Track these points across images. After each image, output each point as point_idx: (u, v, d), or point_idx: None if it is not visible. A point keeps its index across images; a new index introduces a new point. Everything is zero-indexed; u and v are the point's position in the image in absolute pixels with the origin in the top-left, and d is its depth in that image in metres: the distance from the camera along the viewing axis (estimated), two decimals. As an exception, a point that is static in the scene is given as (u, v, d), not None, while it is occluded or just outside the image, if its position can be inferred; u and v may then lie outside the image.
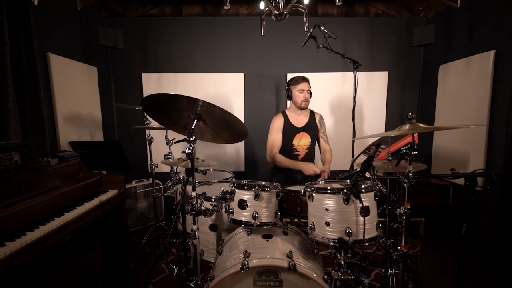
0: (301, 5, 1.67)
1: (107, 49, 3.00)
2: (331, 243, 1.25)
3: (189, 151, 1.38)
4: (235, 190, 1.42)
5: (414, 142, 1.23)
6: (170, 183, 1.89)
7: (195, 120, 1.39)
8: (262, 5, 1.72)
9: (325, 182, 1.60)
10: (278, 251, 1.27)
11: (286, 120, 2.29)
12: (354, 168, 1.23)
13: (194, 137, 1.38)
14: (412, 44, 3.10)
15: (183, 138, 1.45)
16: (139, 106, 1.67)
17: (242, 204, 1.38)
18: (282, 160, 2.21)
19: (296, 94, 2.25)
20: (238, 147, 3.21)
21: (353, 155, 2.51)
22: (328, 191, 1.27)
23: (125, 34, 3.03)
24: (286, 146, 2.28)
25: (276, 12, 1.53)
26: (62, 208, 1.58)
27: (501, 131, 2.23)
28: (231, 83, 3.13)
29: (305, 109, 2.33)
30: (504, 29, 2.19)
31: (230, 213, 1.43)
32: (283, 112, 2.34)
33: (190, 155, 1.39)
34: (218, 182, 1.92)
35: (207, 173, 2.32)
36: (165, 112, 1.48)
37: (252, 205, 1.38)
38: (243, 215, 1.39)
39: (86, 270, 1.64)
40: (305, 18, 1.71)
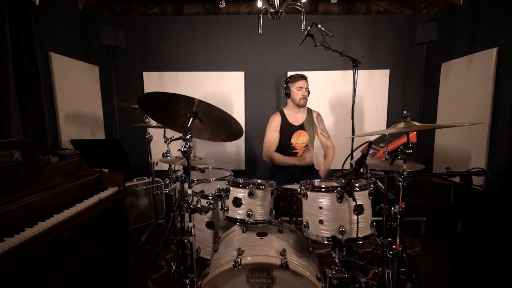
0: (298, 3, 1.67)
1: (109, 48, 3.02)
2: (325, 241, 1.25)
3: (185, 149, 1.39)
4: (230, 188, 1.43)
5: (409, 141, 1.22)
6: (168, 181, 1.91)
7: (191, 119, 1.40)
8: (260, 4, 1.72)
9: (321, 181, 1.60)
10: (272, 249, 1.27)
11: (284, 119, 2.29)
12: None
13: (190, 135, 1.39)
14: (414, 42, 3.05)
15: (179, 136, 1.46)
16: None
17: (237, 202, 1.39)
18: (279, 158, 2.21)
19: (295, 92, 2.25)
20: (239, 146, 3.22)
21: (352, 154, 2.50)
22: (323, 189, 1.27)
23: (126, 33, 3.04)
24: (284, 144, 2.28)
25: (272, 11, 1.53)
26: (62, 205, 1.60)
27: (503, 130, 2.19)
28: (232, 82, 3.13)
29: (303, 107, 2.32)
30: (507, 27, 2.15)
31: (225, 211, 1.44)
32: (281, 111, 2.34)
33: (186, 153, 1.40)
34: (216, 180, 1.93)
35: (207, 171, 2.35)
36: (162, 111, 1.49)
37: (247, 203, 1.38)
38: (238, 213, 1.40)
39: (86, 267, 1.67)
40: (303, 16, 1.70)
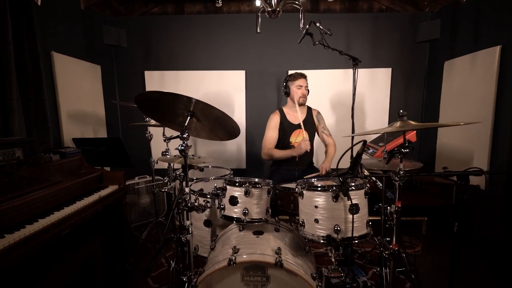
0: (296, 1, 1.66)
1: (111, 48, 3.05)
2: (321, 241, 1.25)
3: (182, 148, 1.40)
4: (227, 187, 1.43)
5: (405, 140, 1.21)
6: (167, 180, 1.92)
7: (188, 117, 1.41)
8: (258, 3, 1.72)
9: (319, 180, 1.60)
10: (267, 248, 1.27)
11: (283, 117, 2.29)
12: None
13: (187, 134, 1.40)
14: (417, 40, 3.02)
15: (177, 135, 1.47)
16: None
17: (233, 201, 1.40)
18: (276, 153, 2.20)
19: (294, 90, 2.24)
20: (240, 144, 3.23)
21: (352, 153, 2.49)
22: (319, 189, 1.27)
23: (128, 33, 3.06)
24: (283, 143, 2.28)
25: (270, 9, 1.53)
26: (62, 203, 1.63)
27: (506, 129, 2.16)
28: (233, 81, 3.14)
29: (303, 106, 2.32)
30: (511, 24, 2.12)
31: (222, 209, 1.44)
32: (280, 110, 2.33)
33: (183, 152, 1.41)
34: (215, 179, 1.94)
35: (207, 170, 2.36)
36: (160, 110, 1.50)
37: (243, 202, 1.39)
38: (234, 212, 1.40)
39: (86, 263, 1.69)
40: (301, 15, 1.70)
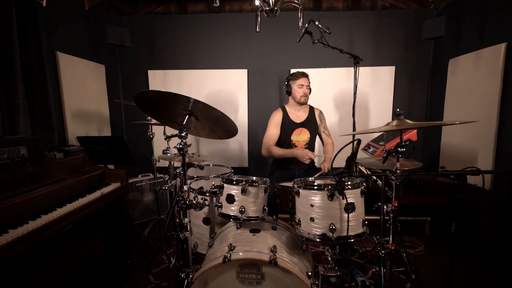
0: (296, 0, 1.66)
1: (115, 47, 3.10)
2: (317, 239, 1.26)
3: (180, 146, 1.42)
4: (224, 185, 1.45)
5: (402, 139, 1.20)
6: (168, 178, 1.95)
7: (187, 116, 1.43)
8: (257, 2, 1.72)
9: (318, 178, 1.60)
10: (263, 245, 1.28)
11: (285, 115, 2.29)
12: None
13: (185, 133, 1.42)
14: (421, 38, 2.98)
15: (175, 134, 1.49)
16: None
17: (230, 199, 1.41)
18: (277, 151, 2.20)
19: (296, 89, 2.24)
20: (242, 143, 3.24)
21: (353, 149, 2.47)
22: (315, 187, 1.28)
23: (132, 32, 3.10)
24: (284, 141, 2.28)
25: (267, 8, 1.53)
26: (65, 200, 1.67)
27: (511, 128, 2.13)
28: (235, 80, 3.15)
29: (305, 105, 2.31)
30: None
31: (219, 207, 1.46)
32: (283, 107, 2.33)
33: (182, 150, 1.43)
34: (215, 177, 1.96)
35: (208, 168, 2.38)
36: (160, 109, 1.52)
37: (240, 200, 1.40)
38: (231, 210, 1.42)
39: (89, 259, 1.73)
40: (300, 14, 1.70)
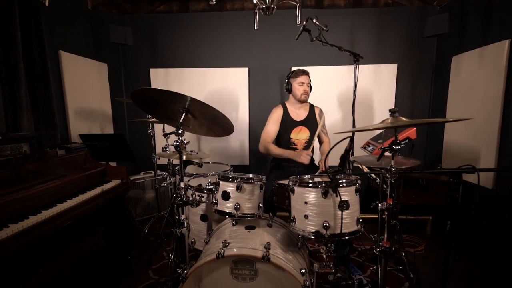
0: (293, -2, 1.66)
1: (118, 46, 3.13)
2: (311, 236, 1.26)
3: (177, 144, 1.44)
4: (220, 182, 1.46)
5: (397, 137, 1.19)
6: (167, 175, 1.97)
7: (183, 114, 1.44)
8: (255, 0, 1.72)
9: (314, 176, 1.59)
10: (257, 242, 1.29)
11: (286, 113, 2.28)
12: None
13: (182, 130, 1.43)
14: (425, 35, 2.94)
15: (172, 131, 1.50)
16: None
17: (225, 196, 1.42)
18: (274, 149, 2.19)
19: (296, 87, 2.23)
20: (243, 141, 3.25)
21: (352, 150, 2.46)
22: (309, 185, 1.28)
23: (134, 31, 3.13)
24: (283, 139, 2.28)
25: (264, 6, 1.53)
26: (66, 196, 1.70)
27: (515, 126, 2.09)
28: (236, 78, 3.15)
29: (305, 103, 2.31)
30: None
31: (215, 204, 1.47)
32: (283, 104, 2.33)
33: (178, 148, 1.45)
34: (213, 175, 1.97)
35: (207, 166, 2.39)
36: (158, 107, 1.54)
37: (235, 197, 1.41)
38: (226, 206, 1.43)
39: (89, 254, 1.76)
40: (297, 11, 1.69)
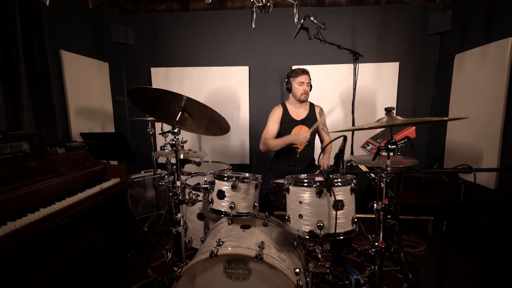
0: (290, -4, 1.65)
1: (119, 45, 3.15)
2: (306, 236, 1.25)
3: (173, 142, 1.44)
4: (215, 181, 1.46)
5: (392, 137, 1.18)
6: (165, 174, 1.98)
7: (180, 113, 1.45)
8: (252, -2, 1.71)
9: (310, 175, 1.59)
10: (251, 241, 1.29)
11: (285, 112, 2.27)
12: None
13: (178, 129, 1.44)
14: (427, 33, 2.91)
15: (168, 130, 1.51)
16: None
17: (221, 195, 1.42)
18: (273, 141, 2.18)
19: (296, 87, 2.22)
20: (243, 140, 3.25)
21: (352, 149, 2.45)
22: (304, 184, 1.27)
23: (135, 30, 3.15)
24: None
25: (260, 4, 1.52)
26: (65, 194, 1.71)
27: (518, 125, 2.05)
28: (236, 77, 3.15)
29: (305, 102, 2.30)
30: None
31: (210, 203, 1.47)
32: (283, 104, 2.32)
33: (175, 146, 1.45)
34: (210, 174, 1.97)
35: (206, 165, 2.40)
36: (155, 106, 1.54)
37: (230, 196, 1.41)
38: (221, 205, 1.43)
39: (88, 252, 1.78)
40: (295, 10, 1.68)
